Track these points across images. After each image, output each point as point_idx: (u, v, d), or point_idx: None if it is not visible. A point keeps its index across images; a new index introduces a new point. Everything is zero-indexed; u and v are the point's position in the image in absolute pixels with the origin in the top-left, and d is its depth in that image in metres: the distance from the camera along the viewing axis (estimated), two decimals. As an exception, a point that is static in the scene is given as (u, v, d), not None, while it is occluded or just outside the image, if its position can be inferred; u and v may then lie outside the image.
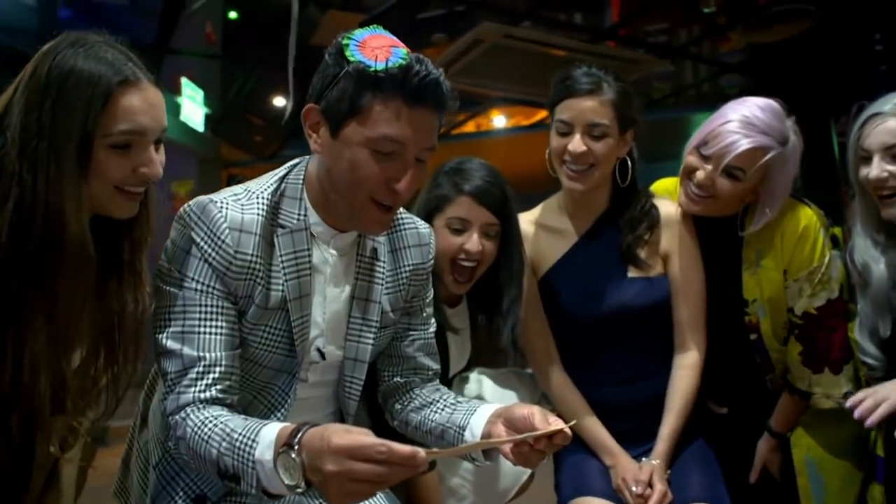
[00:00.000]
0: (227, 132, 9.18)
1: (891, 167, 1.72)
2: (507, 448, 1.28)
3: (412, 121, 1.28)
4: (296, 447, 1.08)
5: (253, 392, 1.45)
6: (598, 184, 1.87)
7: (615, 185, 1.91)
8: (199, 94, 8.30)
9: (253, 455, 1.15)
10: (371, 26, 1.35)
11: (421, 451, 1.01)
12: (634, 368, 1.89)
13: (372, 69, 1.26)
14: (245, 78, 7.84)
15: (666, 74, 9.74)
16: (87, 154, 1.20)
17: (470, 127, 11.29)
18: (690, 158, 1.86)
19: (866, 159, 1.78)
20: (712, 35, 8.35)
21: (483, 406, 1.42)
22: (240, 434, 1.18)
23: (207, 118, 8.50)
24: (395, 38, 1.33)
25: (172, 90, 8.28)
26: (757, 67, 8.05)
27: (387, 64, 1.26)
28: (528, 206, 2.03)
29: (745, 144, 1.75)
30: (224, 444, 1.19)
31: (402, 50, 1.29)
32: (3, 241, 1.18)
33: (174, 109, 8.10)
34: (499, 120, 10.74)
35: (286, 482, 1.10)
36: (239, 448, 1.17)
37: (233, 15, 8.58)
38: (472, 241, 1.77)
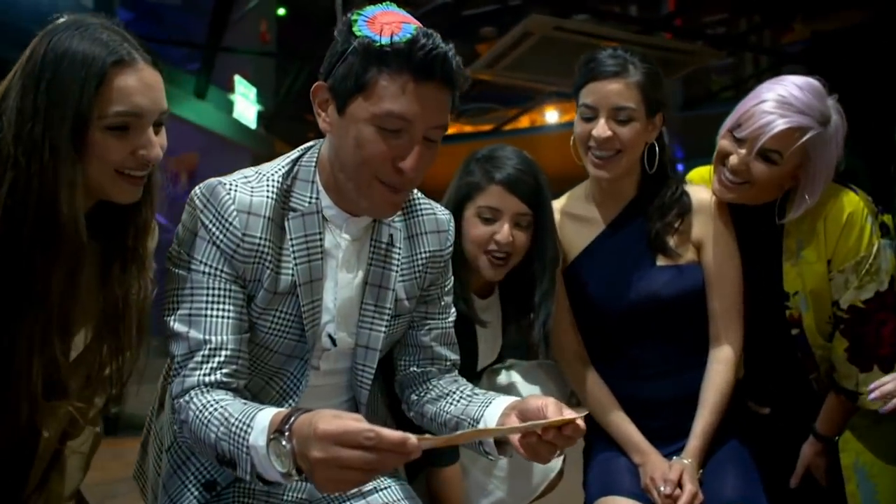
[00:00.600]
0: (279, 129, 9.28)
1: None
2: (515, 440, 1.22)
3: (419, 96, 1.24)
4: (286, 433, 1.05)
5: (265, 378, 1.43)
6: (626, 171, 1.79)
7: (644, 171, 1.83)
8: (252, 91, 8.41)
9: (248, 440, 1.12)
10: (384, 3, 1.31)
11: (412, 438, 0.97)
12: (666, 363, 1.81)
13: (377, 44, 1.23)
14: (296, 74, 7.90)
15: (724, 67, 9.51)
16: (81, 136, 1.19)
17: (524, 122, 11.21)
18: (723, 143, 1.76)
19: None
20: (773, 24, 8.10)
21: (499, 398, 1.37)
22: (236, 419, 1.16)
23: (260, 115, 8.60)
24: (406, 14, 1.29)
25: (227, 88, 8.42)
26: (820, 57, 7.78)
27: (392, 38, 1.23)
28: None
29: (780, 125, 1.64)
30: (222, 428, 1.17)
31: (412, 25, 1.26)
32: None
33: (228, 107, 8.22)
34: (552, 115, 10.62)
35: (278, 469, 1.08)
36: (234, 433, 1.15)
37: (281, 11, 8.68)
38: (503, 232, 1.71)
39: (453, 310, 1.61)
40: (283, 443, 1.05)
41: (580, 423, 1.17)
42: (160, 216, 1.45)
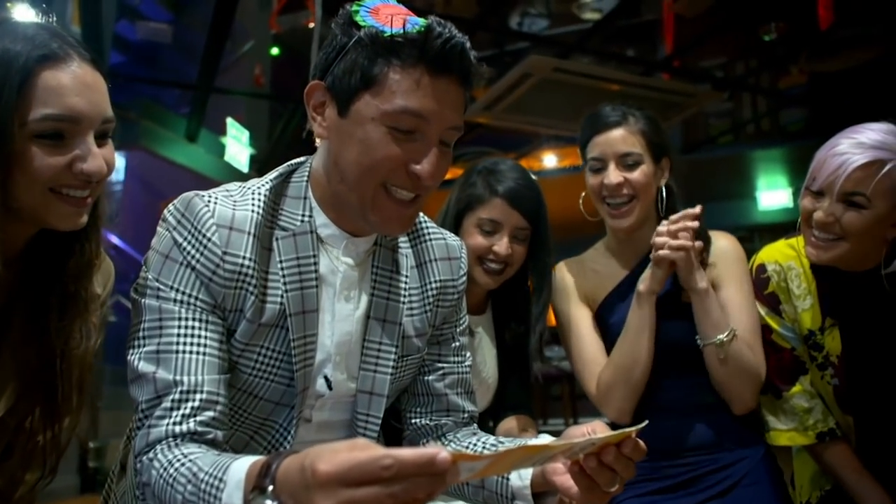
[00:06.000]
0: (273, 173, 9.13)
1: None
2: (564, 476, 1.03)
3: (435, 92, 1.09)
4: (269, 489, 0.80)
5: (249, 432, 1.22)
6: (642, 219, 1.77)
7: (659, 219, 1.77)
8: (245, 134, 8.27)
9: (220, 499, 0.89)
10: None
11: (442, 452, 0.70)
12: (693, 401, 1.72)
13: (387, 34, 1.08)
14: (290, 117, 7.77)
15: (723, 112, 9.44)
16: (2, 147, 0.98)
17: (520, 167, 11.06)
18: (804, 203, 1.65)
19: None
20: (772, 67, 8.04)
21: (532, 439, 1.21)
22: (206, 473, 0.93)
23: (253, 159, 8.46)
24: (408, 9, 1.14)
25: (220, 133, 8.30)
26: (820, 99, 7.71)
27: (404, 28, 1.07)
28: (582, 250, 1.95)
29: (855, 161, 1.52)
30: (189, 486, 0.95)
31: (419, 18, 1.11)
32: None
33: (219, 150, 8.09)
34: (549, 160, 10.49)
35: None
36: (204, 491, 0.92)
37: (275, 51, 8.59)
38: (502, 244, 1.74)
39: (469, 353, 1.42)
40: (267, 503, 0.80)
41: (640, 443, 0.98)
42: (136, 252, 1.23)
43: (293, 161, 1.26)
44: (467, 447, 1.28)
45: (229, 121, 8.09)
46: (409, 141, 1.10)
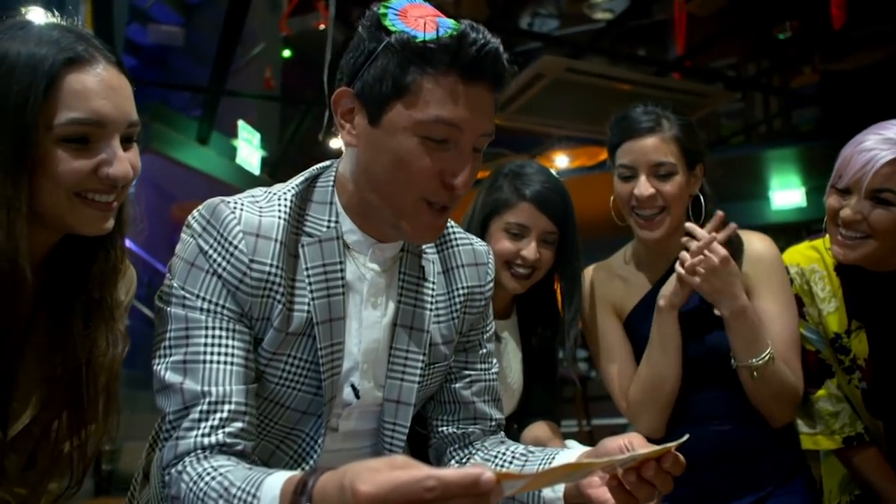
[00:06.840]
0: (284, 175, 9.13)
1: None
2: (601, 490, 1.02)
3: (469, 100, 1.07)
4: None
5: (275, 441, 1.21)
6: (672, 230, 1.67)
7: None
8: (256, 136, 8.28)
9: None
10: None
11: (486, 472, 0.69)
12: (728, 412, 1.66)
13: (419, 40, 1.05)
14: (301, 121, 7.78)
15: (734, 112, 9.41)
16: (27, 151, 0.97)
17: (531, 168, 11.00)
18: (830, 201, 1.62)
19: None
20: (784, 66, 8.00)
21: (563, 451, 1.18)
22: (238, 488, 0.93)
23: (264, 161, 8.47)
24: (434, 8, 1.12)
25: (231, 135, 8.32)
26: (832, 99, 7.66)
27: (437, 33, 1.05)
28: (594, 252, 1.90)
29: (884, 157, 1.49)
30: (221, 501, 0.94)
31: (450, 20, 1.08)
32: None
33: (231, 153, 8.09)
34: (561, 160, 10.47)
35: None
36: None
37: (286, 53, 8.59)
38: (530, 249, 1.70)
39: (496, 360, 1.40)
40: None
41: (679, 457, 0.97)
42: (159, 263, 1.22)
43: (319, 165, 1.25)
44: (496, 456, 1.27)
45: (240, 123, 8.11)
46: (441, 150, 1.08)
